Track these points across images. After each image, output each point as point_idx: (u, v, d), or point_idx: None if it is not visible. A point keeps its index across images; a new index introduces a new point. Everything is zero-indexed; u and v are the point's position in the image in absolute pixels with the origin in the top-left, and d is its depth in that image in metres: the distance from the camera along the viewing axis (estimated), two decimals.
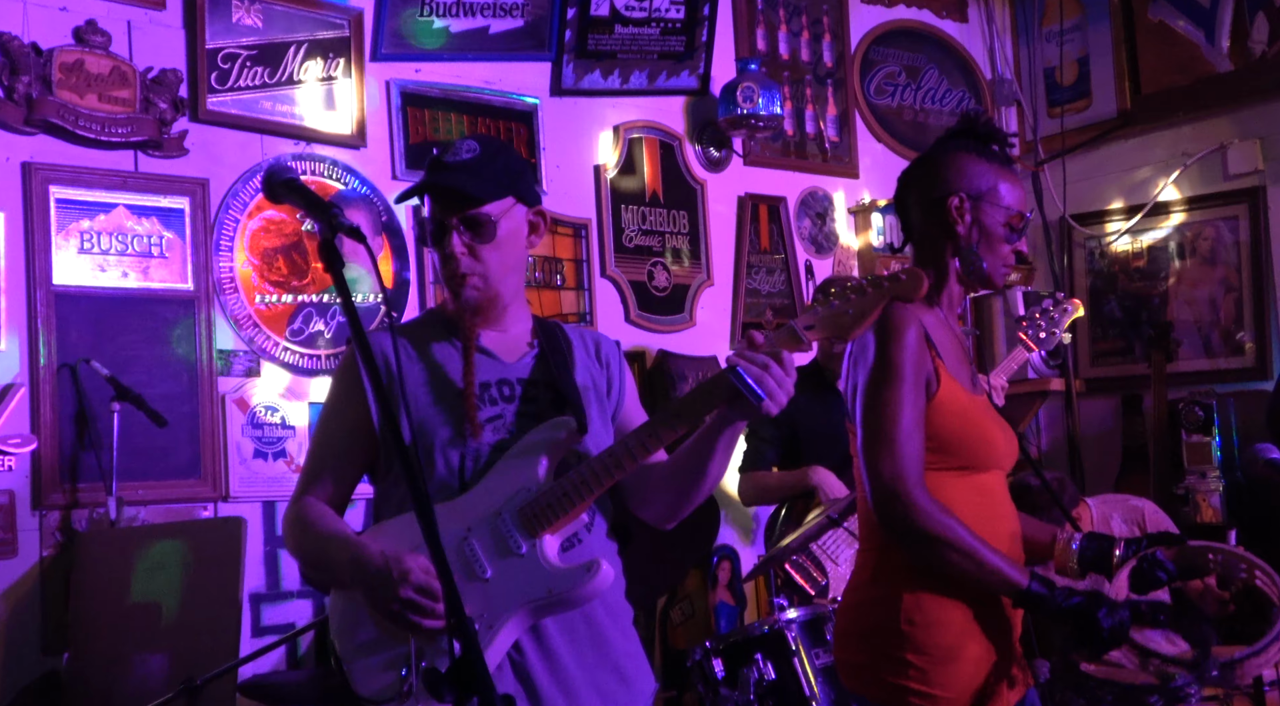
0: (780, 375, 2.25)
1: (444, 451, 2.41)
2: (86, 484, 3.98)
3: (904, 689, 2.55)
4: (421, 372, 2.47)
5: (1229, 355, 5.79)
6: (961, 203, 2.66)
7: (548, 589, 2.30)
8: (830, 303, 2.28)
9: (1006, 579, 2.48)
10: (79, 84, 4.07)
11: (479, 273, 2.43)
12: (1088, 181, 6.25)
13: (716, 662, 3.71)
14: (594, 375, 2.57)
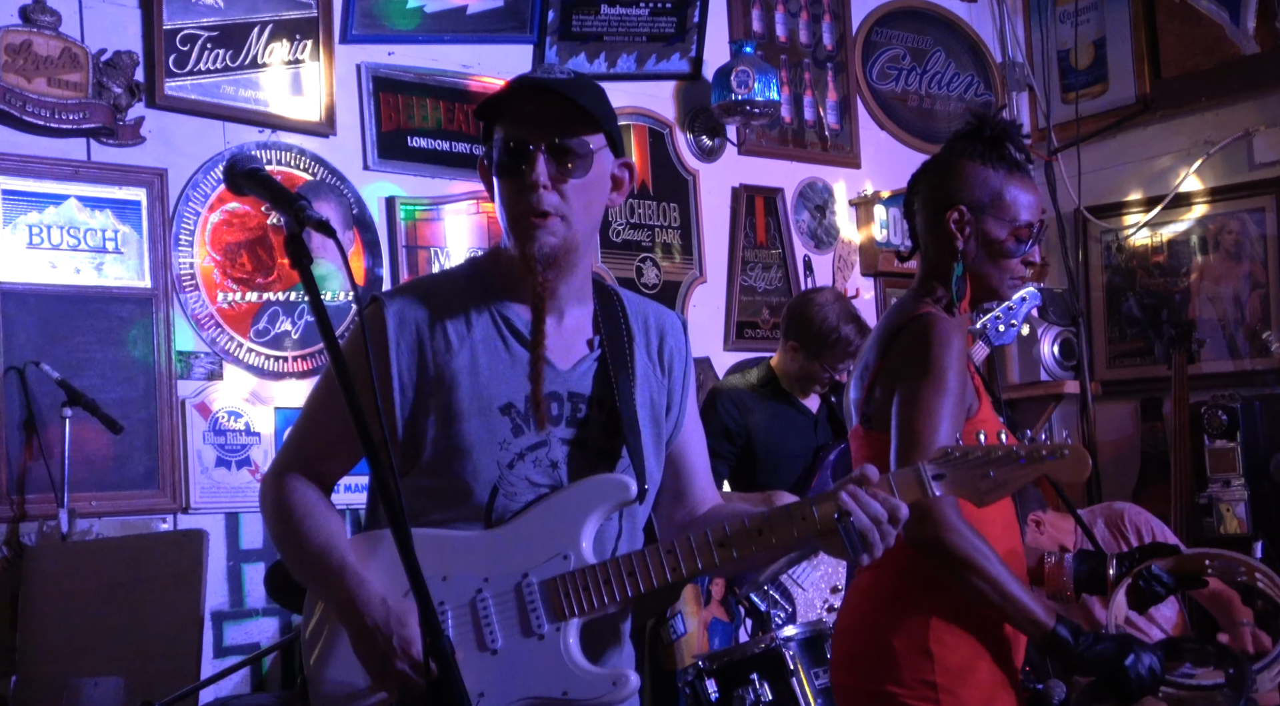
0: (889, 530, 2.07)
1: (474, 474, 2.14)
2: (36, 495, 3.97)
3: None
4: (463, 362, 2.16)
5: (1255, 356, 5.80)
6: (962, 216, 2.67)
7: (563, 690, 2.09)
8: (971, 464, 2.14)
9: (1031, 617, 2.48)
10: (26, 67, 4.05)
11: (562, 213, 2.11)
12: (1104, 171, 6.26)
13: (710, 683, 3.71)
14: (654, 389, 2.28)
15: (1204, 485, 5.43)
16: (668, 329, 2.34)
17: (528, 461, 2.15)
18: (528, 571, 2.11)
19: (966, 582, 2.48)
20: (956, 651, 2.58)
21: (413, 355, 2.16)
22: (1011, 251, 2.69)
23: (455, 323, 2.18)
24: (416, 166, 4.85)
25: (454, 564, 2.12)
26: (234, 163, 2.10)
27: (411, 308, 2.18)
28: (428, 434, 2.15)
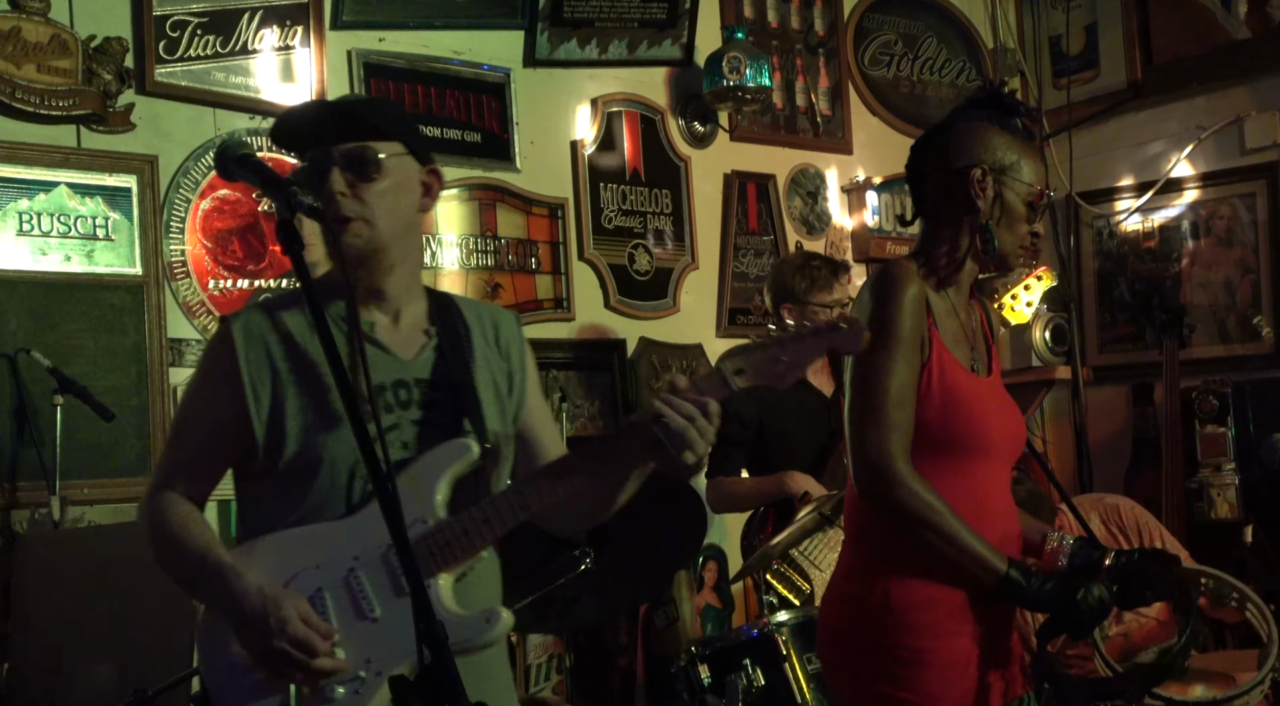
0: (704, 426, 2.21)
1: (331, 464, 2.29)
2: (27, 482, 3.96)
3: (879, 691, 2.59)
4: (306, 365, 2.32)
5: (1246, 341, 5.82)
6: (984, 175, 2.67)
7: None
8: (763, 348, 2.25)
9: (984, 564, 2.52)
10: (16, 53, 4.03)
11: (363, 216, 2.28)
12: (1096, 157, 6.27)
13: (702, 669, 3.71)
14: (494, 370, 2.47)
15: (1195, 470, 5.45)
16: (501, 322, 2.53)
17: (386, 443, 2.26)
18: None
19: (921, 538, 2.52)
20: (917, 632, 2.58)
21: (260, 365, 2.31)
22: (1026, 218, 2.69)
23: (300, 329, 2.33)
24: None
25: (324, 551, 2.27)
26: (225, 149, 2.13)
27: (257, 322, 2.34)
28: (284, 434, 2.29)
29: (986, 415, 2.66)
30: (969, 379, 2.65)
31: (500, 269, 5.01)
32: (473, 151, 4.98)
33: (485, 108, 5.02)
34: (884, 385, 2.53)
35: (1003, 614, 2.67)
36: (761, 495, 4.54)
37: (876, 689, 2.60)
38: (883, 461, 2.51)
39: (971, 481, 2.62)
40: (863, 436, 2.55)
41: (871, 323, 2.55)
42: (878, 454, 2.52)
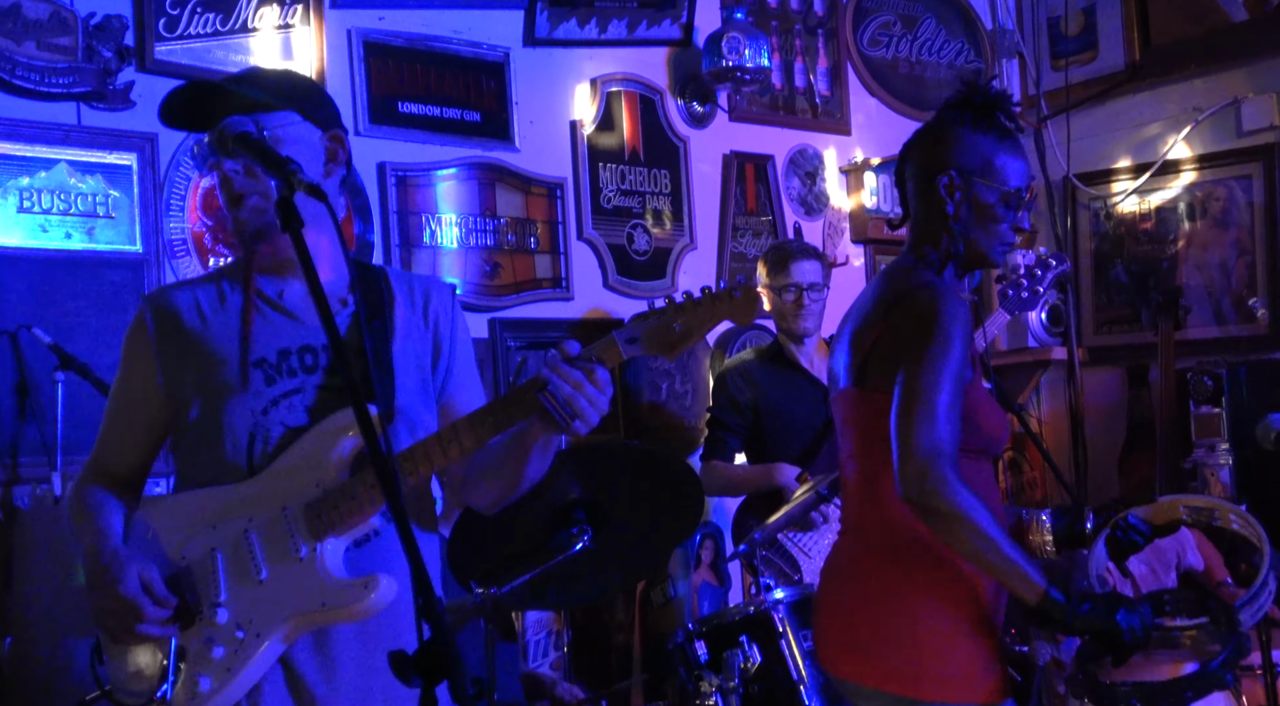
0: (593, 393, 2.21)
1: (231, 428, 2.33)
2: (28, 458, 3.97)
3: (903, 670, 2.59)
4: (209, 334, 2.38)
5: (1241, 323, 5.83)
6: (951, 181, 2.69)
7: (321, 602, 2.26)
8: (658, 316, 2.26)
9: (1025, 577, 2.47)
10: (15, 30, 4.03)
11: (258, 190, 2.30)
12: (1093, 138, 6.26)
13: (699, 645, 3.73)
14: (417, 340, 2.47)
15: (1189, 450, 5.46)
16: (433, 292, 2.53)
17: (281, 407, 2.34)
18: (286, 504, 2.29)
19: (964, 541, 2.47)
20: (937, 628, 2.59)
21: (170, 338, 2.40)
22: (1001, 216, 2.71)
23: (211, 301, 2.41)
24: (407, 132, 4.83)
25: (221, 512, 2.32)
26: (225, 126, 2.12)
27: (167, 299, 2.43)
28: (190, 398, 2.38)
29: (994, 418, 2.69)
30: (978, 384, 2.67)
31: (499, 248, 5.01)
32: (471, 131, 4.98)
33: (484, 87, 5.02)
34: (940, 392, 2.51)
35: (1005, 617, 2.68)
36: (752, 484, 4.57)
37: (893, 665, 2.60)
38: (935, 460, 2.47)
39: (982, 482, 2.64)
40: (914, 435, 2.49)
41: (932, 332, 2.55)
42: (931, 452, 2.47)
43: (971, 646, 2.60)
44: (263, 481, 2.32)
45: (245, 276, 2.40)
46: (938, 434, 2.49)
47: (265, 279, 2.42)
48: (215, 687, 2.26)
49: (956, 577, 2.60)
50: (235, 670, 2.26)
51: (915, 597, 2.62)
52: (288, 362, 2.37)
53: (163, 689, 2.28)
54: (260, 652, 2.26)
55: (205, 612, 2.30)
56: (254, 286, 2.40)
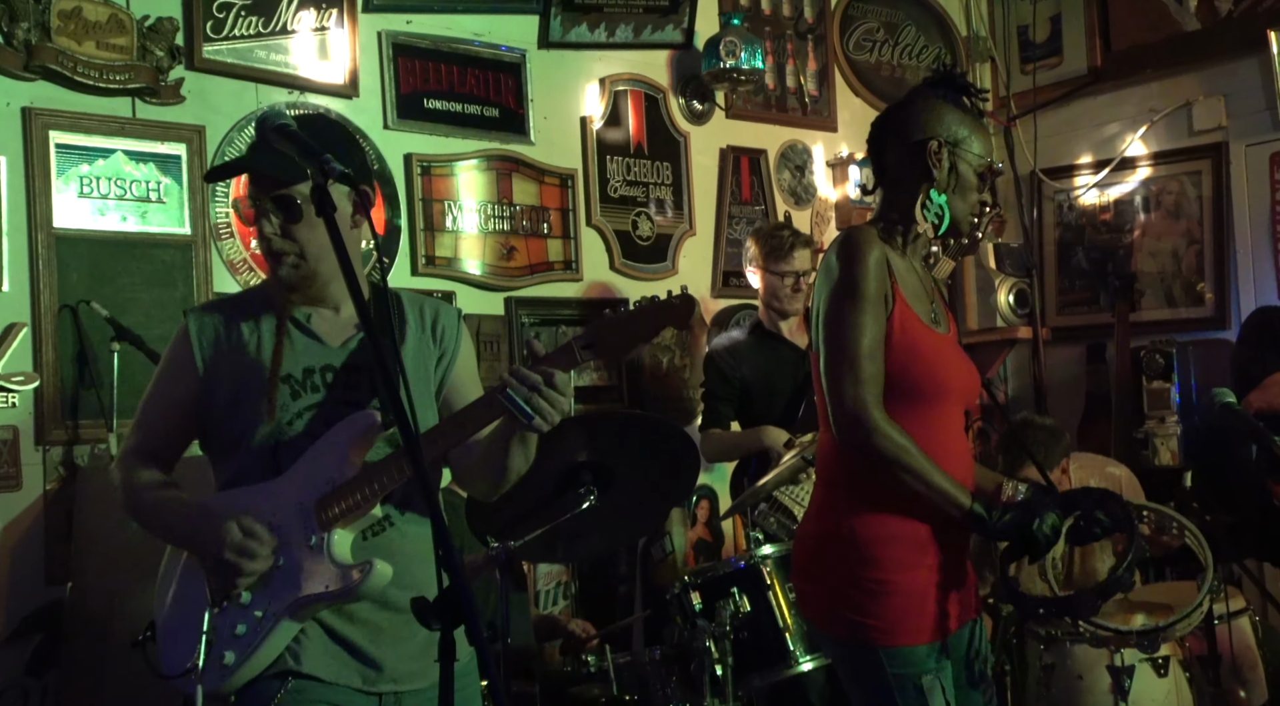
0: (552, 395, 2.26)
1: (260, 437, 2.41)
2: (88, 421, 3.98)
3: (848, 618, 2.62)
4: (244, 353, 2.45)
5: (1190, 305, 5.82)
6: (940, 147, 2.68)
7: (324, 585, 2.33)
8: (608, 324, 2.31)
9: (952, 499, 2.55)
10: (77, 31, 4.02)
11: (293, 251, 2.40)
12: (1058, 137, 6.25)
13: (694, 596, 3.74)
14: (425, 354, 2.55)
15: (1142, 421, 5.47)
16: (441, 313, 2.61)
17: (304, 419, 2.41)
18: (302, 500, 2.36)
19: (896, 477, 2.54)
20: (880, 565, 2.61)
21: (210, 351, 2.46)
22: (976, 187, 2.71)
23: (247, 322, 2.47)
24: (432, 126, 4.82)
25: (249, 507, 2.38)
26: (265, 119, 2.13)
27: (209, 317, 2.50)
28: (225, 407, 2.44)
29: (945, 366, 2.68)
30: (929, 332, 2.66)
31: (515, 233, 5.00)
32: (491, 125, 4.97)
33: (503, 85, 5.01)
34: (856, 340, 2.55)
35: (957, 548, 2.69)
36: (743, 447, 4.59)
37: (845, 616, 2.63)
38: (859, 410, 2.53)
39: (931, 425, 2.64)
40: (840, 388, 2.55)
41: (839, 284, 2.58)
42: (855, 403, 2.53)
43: (895, 591, 2.61)
44: (285, 481, 2.39)
45: (279, 306, 2.47)
46: (859, 383, 2.53)
47: (295, 307, 2.49)
48: (238, 661, 2.34)
49: (895, 525, 2.61)
50: (255, 645, 2.33)
51: (864, 550, 2.63)
52: (311, 380, 2.44)
53: (191, 661, 2.34)
54: (276, 630, 2.34)
55: (233, 594, 2.36)
56: (294, 317, 2.47)
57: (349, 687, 2.39)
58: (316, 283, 2.44)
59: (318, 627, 2.38)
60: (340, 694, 2.38)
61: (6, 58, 3.91)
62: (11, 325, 3.89)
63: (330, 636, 2.39)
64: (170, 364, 2.52)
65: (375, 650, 2.40)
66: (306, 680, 2.36)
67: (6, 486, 3.88)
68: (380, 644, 2.41)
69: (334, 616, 2.38)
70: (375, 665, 2.40)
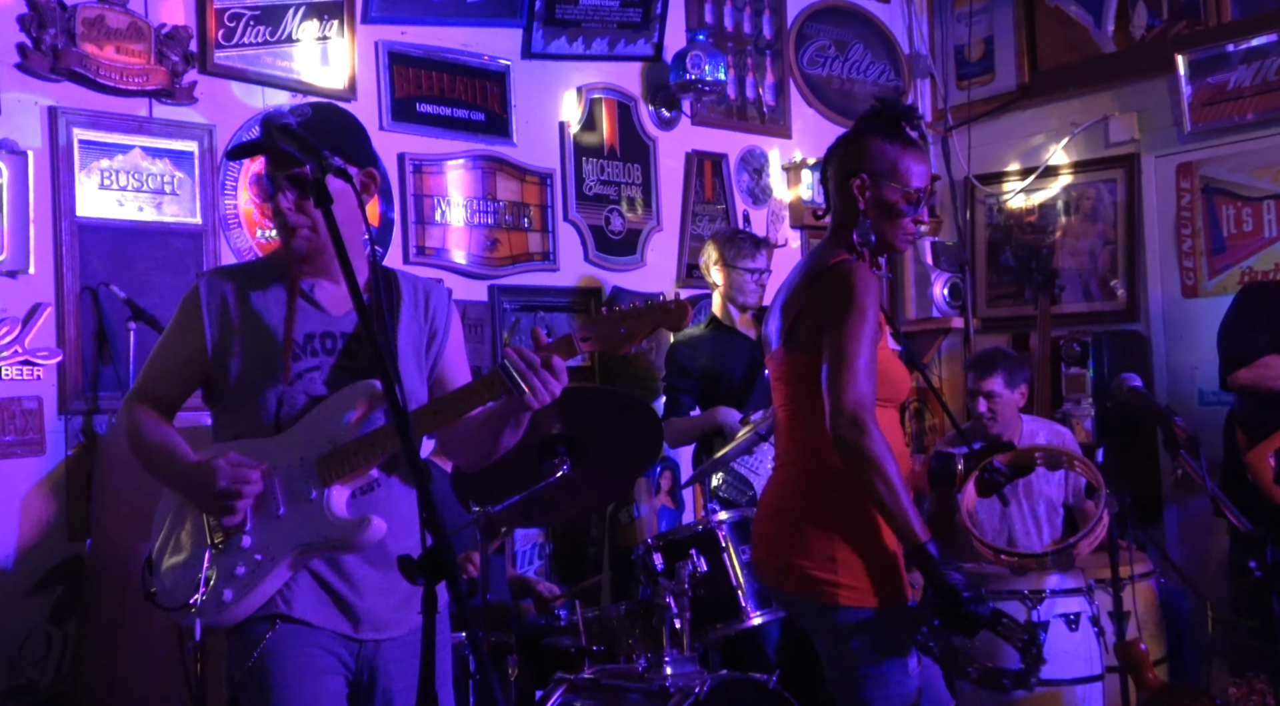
0: (546, 377, 2.25)
1: (263, 394, 2.38)
2: (106, 393, 3.96)
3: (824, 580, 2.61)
4: (253, 316, 2.42)
5: (1104, 300, 5.86)
6: (863, 182, 2.69)
7: (324, 536, 2.32)
8: (606, 321, 2.29)
9: (911, 527, 2.49)
10: (99, 37, 3.98)
11: (306, 225, 2.36)
12: (989, 146, 6.27)
13: (657, 557, 3.74)
14: (417, 330, 2.52)
15: (1060, 403, 5.50)
16: (433, 293, 2.57)
17: (305, 380, 2.38)
18: (303, 456, 2.34)
19: (870, 481, 2.50)
20: (846, 546, 2.61)
21: (218, 312, 2.42)
22: (904, 211, 2.71)
23: (255, 289, 2.44)
24: (423, 128, 4.80)
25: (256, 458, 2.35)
26: (270, 118, 2.12)
27: (219, 280, 2.46)
28: (231, 366, 2.41)
29: (897, 373, 2.71)
30: (886, 346, 2.69)
31: (498, 227, 4.99)
32: (477, 128, 4.95)
33: (488, 92, 4.98)
34: (860, 354, 2.53)
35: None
36: (700, 428, 4.59)
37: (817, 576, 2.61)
38: (860, 414, 2.50)
39: (890, 424, 2.66)
40: (842, 390, 2.52)
41: (854, 308, 2.56)
42: (856, 407, 2.50)
43: (874, 560, 2.62)
44: (287, 437, 2.36)
45: (292, 276, 2.43)
46: (860, 388, 2.52)
47: (303, 278, 2.45)
48: (235, 598, 2.32)
49: (864, 505, 2.62)
50: (252, 585, 2.32)
51: (831, 520, 2.63)
52: (312, 344, 2.41)
53: (194, 598, 2.33)
54: (273, 573, 2.33)
55: (234, 538, 2.35)
56: (299, 287, 2.44)
57: (334, 632, 2.38)
58: (325, 254, 2.40)
59: (308, 576, 2.37)
60: (325, 637, 2.37)
61: (35, 60, 3.87)
62: (37, 305, 3.87)
63: (319, 585, 2.38)
64: (179, 322, 2.48)
65: (359, 601, 2.39)
66: (295, 623, 2.35)
67: (31, 451, 3.86)
68: (364, 595, 2.40)
69: (324, 567, 2.38)
70: (358, 614, 2.40)
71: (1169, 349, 5.62)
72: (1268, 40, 5.26)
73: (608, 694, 3.43)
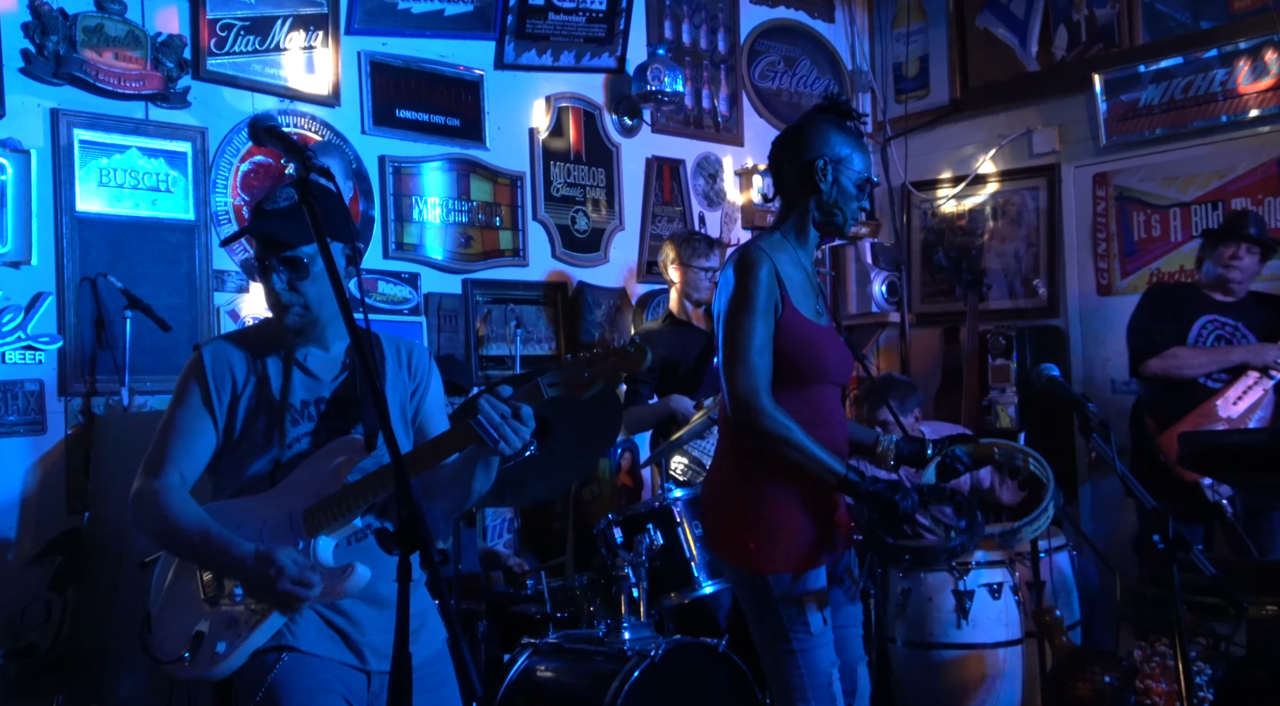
0: (516, 424, 2.20)
1: (261, 457, 2.35)
2: (104, 376, 3.92)
3: (748, 549, 2.65)
4: (254, 386, 2.39)
5: (1027, 297, 5.91)
6: (826, 165, 2.69)
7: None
8: (572, 366, 2.26)
9: (828, 467, 2.58)
10: (99, 44, 3.94)
11: (299, 303, 2.33)
12: (924, 156, 6.31)
13: (616, 531, 3.75)
14: (402, 386, 2.49)
15: (987, 391, 5.54)
16: (415, 351, 2.54)
17: (301, 442, 2.36)
18: (292, 510, 2.29)
19: (781, 452, 2.57)
20: (766, 519, 2.66)
21: (225, 381, 2.38)
22: (856, 196, 2.73)
23: (254, 359, 2.40)
24: (402, 132, 4.77)
25: (247, 515, 2.32)
26: (256, 120, 2.10)
27: (222, 349, 2.41)
28: (235, 428, 2.37)
29: (824, 352, 2.71)
30: (812, 325, 2.69)
31: (472, 225, 4.98)
32: (453, 133, 4.93)
33: (463, 99, 4.96)
34: (748, 340, 2.57)
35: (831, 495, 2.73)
36: (656, 415, 4.60)
37: (746, 549, 2.66)
38: (749, 397, 2.56)
39: (814, 402, 2.69)
40: (734, 379, 2.58)
41: (736, 294, 2.60)
42: (745, 392, 2.56)
43: (786, 527, 2.66)
44: (277, 493, 2.33)
45: (287, 347, 2.41)
46: (749, 375, 2.56)
47: (297, 349, 2.42)
48: (228, 651, 2.26)
49: (783, 475, 2.65)
50: (244, 637, 2.25)
51: (750, 494, 2.68)
52: (307, 410, 2.38)
53: (186, 653, 2.27)
54: (264, 624, 2.26)
55: (227, 591, 2.29)
56: (294, 356, 2.41)
57: (341, 663, 2.32)
58: (316, 328, 2.38)
59: (312, 614, 2.31)
60: (331, 668, 2.31)
61: (38, 66, 3.83)
62: (39, 294, 3.83)
63: (322, 621, 2.33)
64: (187, 398, 2.39)
65: (360, 637, 2.34)
66: (302, 655, 2.29)
67: (33, 430, 3.82)
68: (365, 632, 2.34)
69: (324, 606, 2.32)
70: (361, 648, 2.34)
71: (1085, 342, 5.68)
72: (1175, 62, 5.32)
73: (570, 656, 3.45)
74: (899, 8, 6.44)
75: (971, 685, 3.73)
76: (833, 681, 2.65)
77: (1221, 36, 5.20)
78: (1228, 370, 4.24)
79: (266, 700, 2.24)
